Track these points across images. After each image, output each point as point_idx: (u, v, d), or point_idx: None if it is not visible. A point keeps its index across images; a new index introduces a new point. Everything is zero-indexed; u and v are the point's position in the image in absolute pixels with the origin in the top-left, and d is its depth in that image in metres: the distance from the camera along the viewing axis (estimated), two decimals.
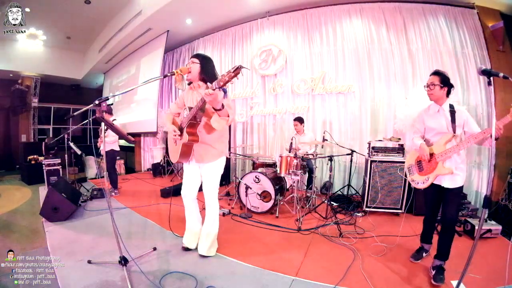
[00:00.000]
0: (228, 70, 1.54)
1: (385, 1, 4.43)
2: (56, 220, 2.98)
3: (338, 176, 4.58)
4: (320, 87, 4.68)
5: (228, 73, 1.54)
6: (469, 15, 4.04)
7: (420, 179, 2.08)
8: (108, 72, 8.62)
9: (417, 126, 2.18)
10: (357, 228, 2.88)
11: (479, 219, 1.49)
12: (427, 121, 2.08)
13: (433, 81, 1.97)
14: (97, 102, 1.73)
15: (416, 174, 2.11)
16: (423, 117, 2.11)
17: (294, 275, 1.97)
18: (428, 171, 2.01)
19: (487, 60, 3.83)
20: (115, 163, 4.56)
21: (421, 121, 2.13)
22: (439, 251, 1.97)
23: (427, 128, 2.08)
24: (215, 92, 1.64)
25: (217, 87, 1.61)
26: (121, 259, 1.93)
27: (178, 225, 2.73)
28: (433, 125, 2.04)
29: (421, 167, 2.08)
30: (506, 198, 3.22)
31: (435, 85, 1.95)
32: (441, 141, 1.96)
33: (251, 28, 5.48)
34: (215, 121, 1.88)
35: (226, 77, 1.54)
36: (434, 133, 2.04)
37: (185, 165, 2.24)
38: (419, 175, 2.09)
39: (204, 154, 2.08)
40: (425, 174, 2.03)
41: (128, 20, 5.84)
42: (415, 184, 2.13)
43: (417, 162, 2.13)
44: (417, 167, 2.12)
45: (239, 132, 5.65)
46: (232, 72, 1.52)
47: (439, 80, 1.95)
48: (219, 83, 1.59)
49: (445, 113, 1.97)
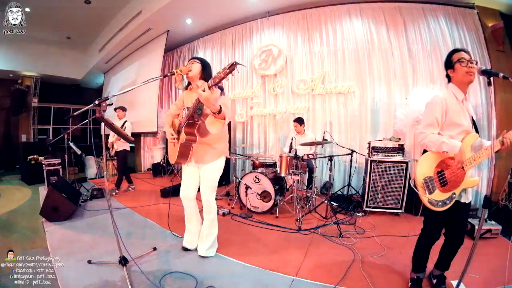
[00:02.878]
0: (224, 67, 1.54)
1: (385, 1, 4.43)
2: (56, 220, 2.98)
3: (338, 176, 4.58)
4: (320, 87, 4.68)
5: (223, 70, 1.54)
6: (469, 15, 4.03)
7: (442, 198, 1.50)
8: (108, 72, 8.62)
9: (436, 115, 1.52)
10: (357, 228, 2.87)
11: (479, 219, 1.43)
12: (453, 114, 1.52)
13: (472, 58, 1.50)
14: (97, 102, 1.73)
15: (437, 190, 1.51)
16: (446, 107, 1.52)
17: (294, 275, 1.97)
18: (454, 186, 1.50)
19: (487, 60, 3.83)
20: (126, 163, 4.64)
21: (443, 111, 1.52)
22: (443, 264, 1.76)
23: (452, 123, 1.53)
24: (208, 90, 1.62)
25: (213, 84, 1.61)
26: (121, 259, 1.92)
27: (178, 225, 2.73)
28: (461, 120, 1.52)
29: (444, 180, 1.52)
30: (506, 198, 3.22)
31: (476, 61, 1.49)
32: (467, 143, 1.48)
33: (251, 28, 5.47)
34: (210, 123, 1.85)
35: (221, 73, 1.55)
36: (459, 131, 1.52)
37: (184, 166, 2.24)
38: (441, 192, 1.51)
39: (203, 154, 2.07)
40: (450, 189, 1.51)
41: (128, 20, 5.83)
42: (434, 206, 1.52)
43: (438, 172, 1.53)
44: (438, 181, 1.52)
45: (239, 132, 5.65)
46: (227, 69, 1.52)
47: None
48: (214, 80, 1.59)
49: (468, 105, 1.56)
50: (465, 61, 1.52)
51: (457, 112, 1.53)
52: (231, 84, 5.67)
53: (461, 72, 1.54)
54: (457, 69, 1.55)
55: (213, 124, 1.83)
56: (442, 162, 1.55)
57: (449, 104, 1.53)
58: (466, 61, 1.52)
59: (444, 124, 1.55)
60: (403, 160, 3.24)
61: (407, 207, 3.25)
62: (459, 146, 1.45)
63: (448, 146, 1.47)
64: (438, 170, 1.54)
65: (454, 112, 1.53)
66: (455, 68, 1.57)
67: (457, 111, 1.54)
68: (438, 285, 1.78)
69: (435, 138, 1.50)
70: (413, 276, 1.81)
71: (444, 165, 1.54)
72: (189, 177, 2.21)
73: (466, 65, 1.52)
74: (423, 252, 1.74)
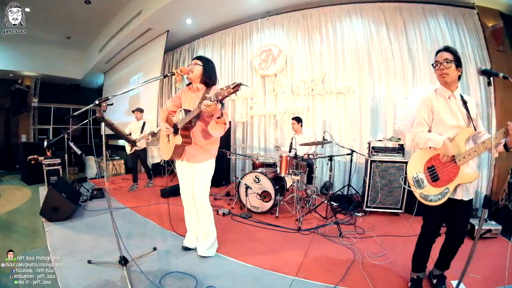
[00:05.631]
0: (228, 85, 1.58)
1: (385, 1, 4.43)
2: (56, 220, 2.98)
3: (338, 176, 4.58)
4: (320, 87, 4.68)
5: (227, 88, 1.58)
6: (469, 15, 4.04)
7: (435, 193, 1.53)
8: (108, 72, 8.62)
9: (422, 115, 1.62)
10: (357, 228, 2.88)
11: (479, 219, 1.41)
12: (440, 111, 1.58)
13: (447, 57, 1.51)
14: (97, 102, 1.73)
15: (429, 185, 1.56)
16: (431, 105, 1.60)
17: (294, 275, 1.97)
18: (447, 181, 1.50)
19: (487, 60, 3.83)
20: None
21: (428, 109, 1.61)
22: (443, 263, 1.74)
23: (439, 120, 1.58)
24: (213, 104, 1.69)
25: (216, 101, 1.65)
26: (121, 259, 1.92)
27: (178, 225, 2.73)
28: (447, 117, 1.56)
29: (435, 175, 1.55)
30: (506, 198, 3.22)
31: (451, 61, 1.50)
32: (460, 138, 1.51)
33: (251, 28, 5.48)
34: (212, 128, 1.93)
35: (225, 92, 1.58)
36: (447, 127, 1.56)
37: (177, 166, 2.25)
38: (433, 186, 1.54)
39: (195, 154, 2.10)
40: (443, 184, 1.51)
41: (128, 20, 5.84)
42: (426, 201, 1.56)
43: (428, 168, 1.58)
44: (429, 176, 1.57)
45: (239, 132, 5.65)
46: (231, 88, 1.57)
47: (453, 57, 1.52)
48: (217, 97, 1.62)
49: (458, 102, 1.58)
50: (437, 64, 1.56)
51: (443, 109, 1.58)
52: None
53: (436, 74, 1.61)
54: (436, 71, 1.61)
55: (215, 129, 1.91)
56: (432, 158, 1.59)
57: (434, 102, 1.60)
58: (438, 64, 1.56)
59: (433, 122, 1.62)
60: (403, 160, 3.24)
61: (407, 207, 3.25)
62: (441, 140, 1.49)
63: (433, 141, 1.53)
64: (428, 166, 1.59)
65: (440, 110, 1.58)
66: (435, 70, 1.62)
67: (444, 109, 1.58)
68: (438, 285, 1.78)
69: (422, 136, 1.59)
70: (413, 276, 1.80)
71: (435, 161, 1.57)
72: (184, 176, 2.23)
73: (438, 68, 1.56)
74: (423, 252, 1.74)
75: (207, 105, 1.70)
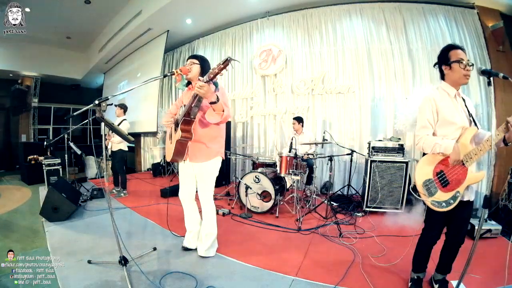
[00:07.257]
0: (218, 63, 1.59)
1: (385, 1, 4.43)
2: (56, 220, 2.98)
3: (338, 176, 4.57)
4: (320, 87, 4.68)
5: (218, 66, 1.59)
6: (469, 15, 4.03)
7: (447, 198, 1.46)
8: (108, 72, 8.62)
9: (426, 117, 1.53)
10: (357, 228, 2.88)
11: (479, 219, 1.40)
12: (446, 111, 1.49)
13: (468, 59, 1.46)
14: (97, 102, 1.73)
15: (439, 191, 1.49)
16: (436, 106, 1.51)
17: (294, 275, 1.97)
18: (457, 184, 1.45)
19: (487, 60, 3.82)
20: (124, 163, 4.51)
21: (433, 111, 1.52)
22: (444, 266, 1.71)
23: (445, 121, 1.50)
24: (206, 85, 1.69)
25: (208, 80, 1.66)
26: (121, 259, 1.92)
27: (178, 225, 2.73)
28: (454, 117, 1.48)
29: (445, 180, 1.48)
30: (506, 198, 3.22)
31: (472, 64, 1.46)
32: (465, 138, 1.45)
33: (251, 28, 5.48)
34: (209, 115, 1.91)
35: (216, 69, 1.60)
36: (453, 128, 1.49)
37: (180, 167, 2.24)
38: (444, 192, 1.47)
39: (197, 152, 2.07)
40: (453, 188, 1.45)
41: (128, 20, 5.84)
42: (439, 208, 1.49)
43: (438, 174, 1.51)
44: (439, 182, 1.50)
45: (239, 132, 5.65)
46: (221, 64, 1.58)
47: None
48: (209, 76, 1.65)
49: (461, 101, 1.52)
50: (464, 63, 1.46)
51: (449, 109, 1.50)
52: (231, 84, 5.68)
53: (458, 73, 1.49)
54: (455, 69, 1.50)
55: (212, 115, 1.90)
56: (441, 162, 1.53)
57: (439, 102, 1.51)
58: (465, 64, 1.46)
59: (438, 123, 1.53)
60: (403, 160, 3.23)
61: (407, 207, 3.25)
62: (451, 146, 1.43)
63: (442, 147, 1.46)
64: (437, 171, 1.52)
65: (446, 110, 1.50)
66: (452, 67, 1.50)
67: (450, 108, 1.50)
68: None
69: (429, 140, 1.50)
70: (413, 276, 1.80)
71: (443, 166, 1.51)
72: (186, 177, 2.21)
73: (465, 68, 1.46)
74: (424, 252, 1.72)
75: (200, 86, 1.68)
